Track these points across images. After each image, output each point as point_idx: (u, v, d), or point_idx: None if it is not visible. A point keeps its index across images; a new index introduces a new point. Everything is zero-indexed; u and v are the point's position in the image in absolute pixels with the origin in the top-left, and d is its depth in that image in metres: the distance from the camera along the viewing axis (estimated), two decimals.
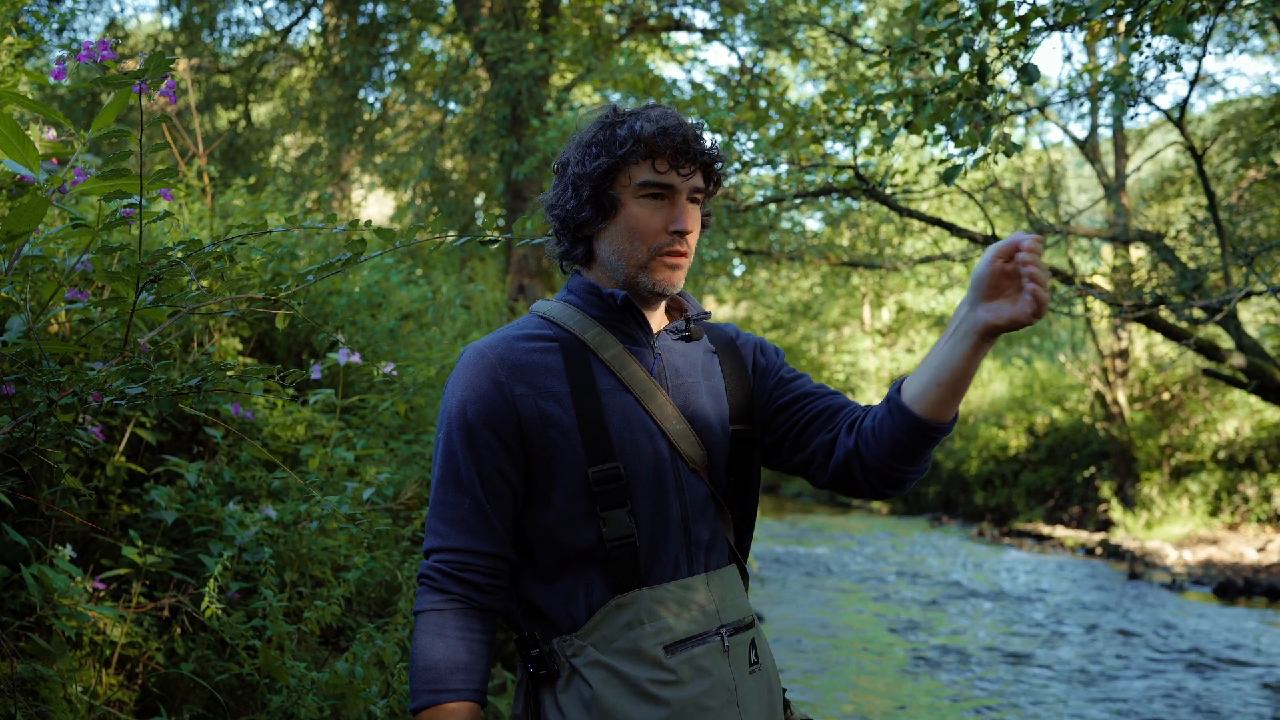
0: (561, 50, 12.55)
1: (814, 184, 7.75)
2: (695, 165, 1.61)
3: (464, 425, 1.58)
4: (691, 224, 1.62)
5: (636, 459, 1.58)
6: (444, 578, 1.56)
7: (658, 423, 1.61)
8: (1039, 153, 13.96)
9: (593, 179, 1.62)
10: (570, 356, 1.61)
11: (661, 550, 1.58)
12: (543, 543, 1.59)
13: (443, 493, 1.59)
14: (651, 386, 1.62)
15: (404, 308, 5.86)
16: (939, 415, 1.50)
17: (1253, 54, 14.23)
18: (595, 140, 1.63)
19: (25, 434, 1.97)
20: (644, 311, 1.67)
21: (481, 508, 1.57)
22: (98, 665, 2.68)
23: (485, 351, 1.61)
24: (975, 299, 1.44)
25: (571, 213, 1.65)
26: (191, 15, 14.99)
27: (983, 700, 6.26)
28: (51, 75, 1.97)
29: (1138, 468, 15.29)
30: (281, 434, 3.63)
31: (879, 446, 1.55)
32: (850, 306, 26.89)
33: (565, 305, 1.68)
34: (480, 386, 1.58)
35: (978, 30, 3.88)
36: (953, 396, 1.48)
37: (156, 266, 1.81)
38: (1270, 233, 9.13)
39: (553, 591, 1.58)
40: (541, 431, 1.56)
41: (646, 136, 1.59)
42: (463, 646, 1.53)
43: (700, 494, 1.63)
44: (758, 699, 1.60)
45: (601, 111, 1.67)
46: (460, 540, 1.56)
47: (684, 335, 1.71)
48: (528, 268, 12.51)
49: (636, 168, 1.60)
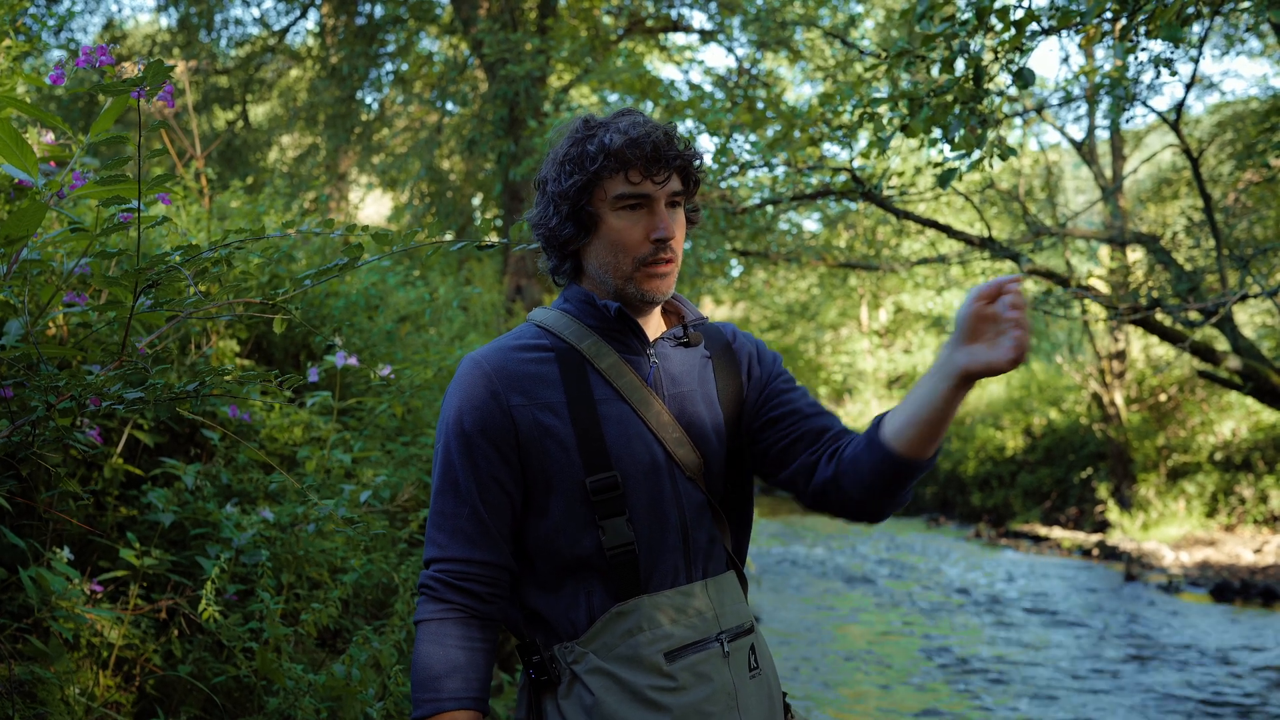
0: (559, 51, 12.56)
1: (811, 186, 7.75)
2: (668, 171, 1.60)
3: (461, 435, 1.59)
4: (673, 229, 1.61)
5: (633, 467, 1.58)
6: (444, 587, 1.57)
7: (654, 431, 1.61)
8: (1036, 154, 13.98)
9: (569, 197, 1.62)
10: (566, 367, 1.61)
11: (660, 557, 1.58)
12: (542, 552, 1.60)
13: (441, 503, 1.60)
14: (647, 395, 1.62)
15: (401, 309, 5.86)
16: (917, 453, 1.50)
17: (1250, 56, 14.25)
18: (568, 157, 1.63)
19: (23, 438, 1.97)
20: (639, 319, 1.67)
21: (480, 517, 1.58)
22: (95, 667, 2.68)
23: (481, 362, 1.61)
24: (957, 340, 1.42)
25: (554, 230, 1.65)
26: (189, 15, 14.99)
27: (979, 701, 6.27)
28: (49, 79, 1.98)
29: (1134, 469, 15.31)
30: (279, 436, 3.64)
31: (857, 478, 1.56)
32: (848, 307, 26.92)
33: (561, 314, 1.68)
34: (477, 397, 1.59)
35: (973, 34, 3.89)
36: (931, 436, 1.48)
37: (155, 271, 1.82)
38: (1266, 235, 9.15)
39: (554, 599, 1.59)
40: (538, 442, 1.57)
41: (616, 149, 1.58)
42: (463, 656, 1.54)
43: (697, 501, 1.63)
44: (758, 704, 1.60)
45: (572, 126, 1.67)
46: (460, 550, 1.57)
47: (681, 341, 1.72)
48: (525, 269, 12.52)
49: (610, 181, 1.60)
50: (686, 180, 1.64)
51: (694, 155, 1.64)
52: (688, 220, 1.71)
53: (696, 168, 1.65)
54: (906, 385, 26.18)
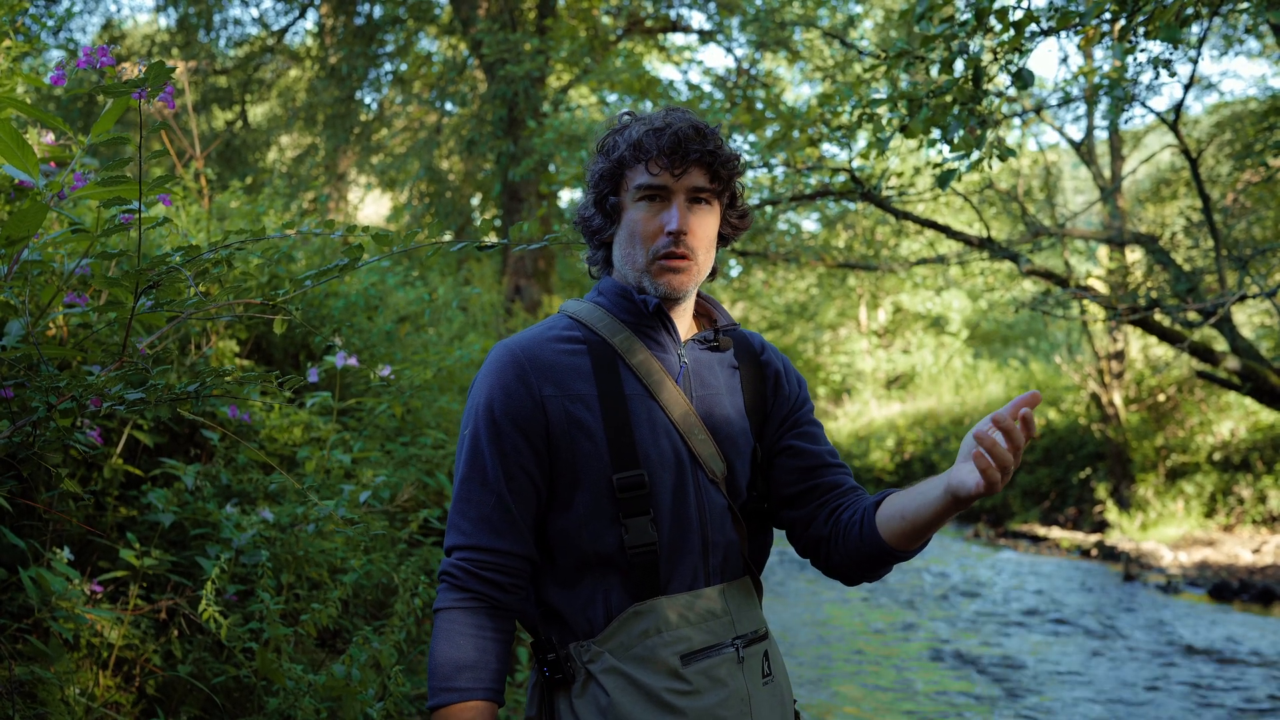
0: (558, 51, 12.57)
1: (810, 186, 7.76)
2: (688, 164, 1.58)
3: (491, 423, 1.57)
4: (690, 224, 1.59)
5: (660, 467, 1.57)
6: (466, 575, 1.55)
7: (680, 431, 1.60)
8: (1035, 155, 13.98)
9: (597, 185, 1.63)
10: (598, 360, 1.60)
11: (680, 559, 1.57)
12: (563, 546, 1.59)
13: (467, 489, 1.58)
14: (677, 395, 1.61)
15: (401, 310, 5.86)
16: (902, 546, 1.55)
17: (1248, 56, 14.26)
18: (602, 147, 1.65)
19: (24, 438, 1.97)
20: (672, 317, 1.66)
21: (506, 506, 1.56)
22: (95, 667, 2.68)
23: (515, 350, 1.60)
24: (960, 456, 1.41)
25: (588, 220, 1.67)
26: (188, 16, 14.99)
27: (977, 701, 6.27)
28: (49, 79, 1.98)
29: (1133, 469, 15.31)
30: (279, 436, 3.64)
31: (845, 550, 1.61)
32: (846, 307, 26.92)
33: (595, 307, 1.67)
34: (509, 385, 1.57)
35: (972, 35, 3.90)
36: (917, 536, 1.52)
37: (155, 272, 1.82)
38: (1265, 235, 9.16)
39: (571, 596, 1.58)
40: (567, 434, 1.56)
41: (638, 139, 1.59)
42: (480, 645, 1.53)
43: (719, 505, 1.62)
44: (771, 712, 1.59)
45: (618, 116, 1.69)
46: (484, 539, 1.56)
47: (711, 345, 1.70)
48: (524, 269, 12.52)
49: (632, 171, 1.61)
50: (714, 178, 1.61)
51: (723, 152, 1.61)
52: (732, 226, 1.69)
53: (728, 166, 1.62)
54: (905, 386, 26.19)
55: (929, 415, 22.35)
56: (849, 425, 24.49)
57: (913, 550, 1.55)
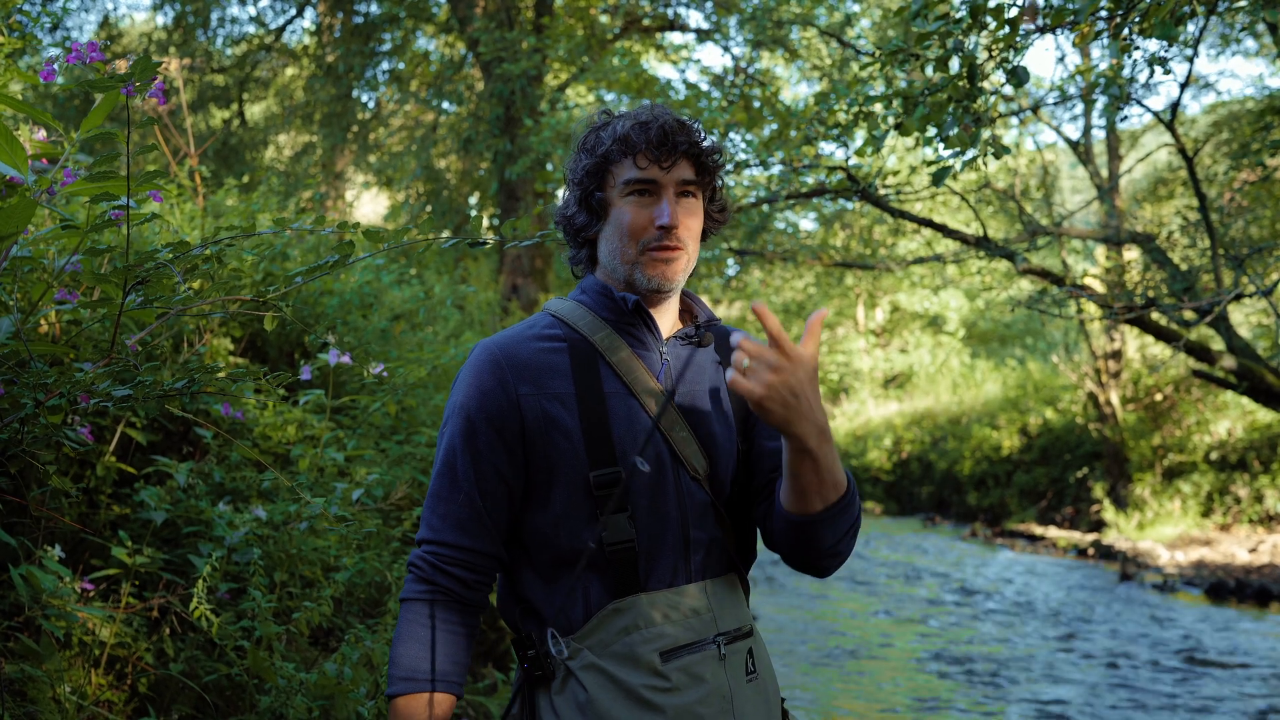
0: (555, 50, 12.56)
1: (807, 185, 7.76)
2: (675, 157, 1.59)
3: (466, 421, 1.59)
4: (680, 217, 1.60)
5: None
6: (431, 569, 1.58)
7: (661, 429, 1.60)
8: (1032, 154, 13.99)
9: (582, 182, 1.63)
10: (577, 358, 1.60)
11: (660, 556, 1.57)
12: (541, 543, 1.59)
13: (439, 485, 1.61)
14: (657, 392, 1.61)
15: (396, 308, 5.85)
16: (793, 508, 1.51)
17: (1245, 55, 14.28)
18: (584, 144, 1.65)
19: (13, 435, 1.97)
20: (653, 314, 1.66)
21: (475, 505, 1.58)
22: (87, 666, 2.68)
23: (493, 349, 1.61)
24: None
25: (570, 218, 1.67)
26: (185, 14, 14.97)
27: (975, 701, 6.27)
28: (42, 76, 1.97)
29: (1130, 468, 15.32)
30: (272, 434, 3.63)
31: (777, 528, 1.59)
32: (844, 307, 26.96)
33: (577, 305, 1.67)
34: (485, 384, 1.58)
35: (968, 32, 3.89)
36: (799, 494, 1.48)
37: (144, 268, 1.81)
38: (1262, 234, 9.16)
39: (550, 592, 1.58)
40: (544, 432, 1.56)
41: (624, 134, 1.59)
42: (441, 638, 1.56)
43: (701, 501, 1.61)
44: (755, 709, 1.59)
45: (595, 114, 1.68)
46: (451, 535, 1.58)
47: (693, 341, 1.70)
48: (521, 268, 12.52)
49: (619, 166, 1.60)
50: (700, 170, 1.62)
51: (707, 145, 1.62)
52: (712, 219, 1.70)
53: (712, 159, 1.63)
54: (902, 385, 26.21)
55: (926, 414, 22.38)
56: (846, 425, 24.51)
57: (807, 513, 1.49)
